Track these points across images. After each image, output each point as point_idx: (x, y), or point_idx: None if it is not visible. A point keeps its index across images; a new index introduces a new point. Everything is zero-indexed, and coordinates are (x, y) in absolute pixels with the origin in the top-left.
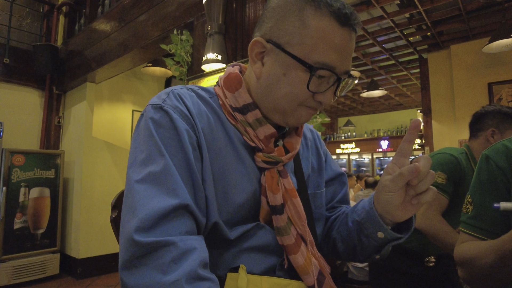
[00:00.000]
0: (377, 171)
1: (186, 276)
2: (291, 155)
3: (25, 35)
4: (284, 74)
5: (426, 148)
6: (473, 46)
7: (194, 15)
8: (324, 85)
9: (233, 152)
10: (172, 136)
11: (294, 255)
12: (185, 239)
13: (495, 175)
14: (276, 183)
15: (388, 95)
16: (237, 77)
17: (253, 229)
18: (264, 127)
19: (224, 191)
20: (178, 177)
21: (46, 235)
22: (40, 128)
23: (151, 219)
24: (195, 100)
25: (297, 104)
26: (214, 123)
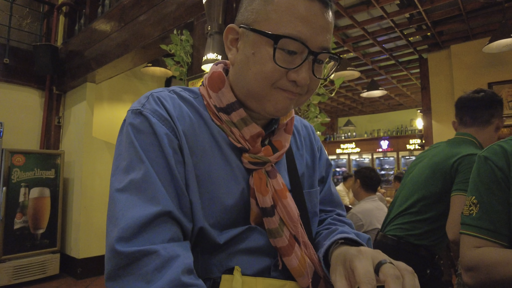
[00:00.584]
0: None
1: (169, 285)
2: (279, 154)
3: (25, 35)
4: (253, 53)
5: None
6: (473, 46)
7: (194, 15)
8: (297, 61)
9: (219, 154)
10: (152, 141)
11: (288, 257)
12: (167, 247)
13: (496, 175)
14: (265, 184)
15: (388, 95)
16: (220, 76)
17: (244, 232)
18: (249, 126)
19: (211, 195)
20: (159, 184)
21: (46, 235)
22: (40, 128)
23: (132, 228)
24: (177, 103)
25: (269, 84)
26: (198, 125)
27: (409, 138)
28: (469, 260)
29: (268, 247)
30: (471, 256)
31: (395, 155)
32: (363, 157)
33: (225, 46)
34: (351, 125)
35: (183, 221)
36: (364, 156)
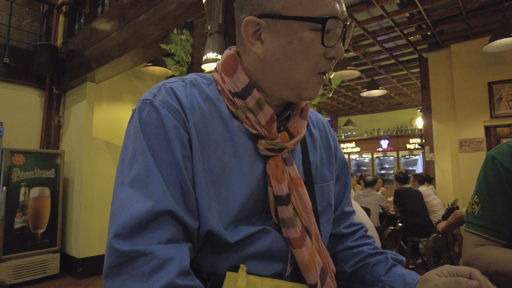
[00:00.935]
0: (377, 170)
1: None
2: (296, 140)
3: (25, 35)
4: (289, 42)
5: (426, 148)
6: (473, 45)
7: (194, 15)
8: (333, 38)
9: (233, 144)
10: (158, 134)
11: (299, 249)
12: (164, 248)
13: (501, 175)
14: (281, 171)
15: (388, 94)
16: (233, 57)
17: (258, 233)
18: (264, 110)
19: (226, 188)
20: (161, 180)
21: (46, 234)
22: (40, 128)
23: (129, 226)
24: (189, 92)
25: (311, 70)
26: (210, 114)
27: (409, 138)
28: (469, 257)
29: (280, 252)
30: (470, 253)
31: (395, 155)
32: (363, 157)
33: (246, 41)
34: (351, 124)
35: (186, 220)
36: (364, 156)
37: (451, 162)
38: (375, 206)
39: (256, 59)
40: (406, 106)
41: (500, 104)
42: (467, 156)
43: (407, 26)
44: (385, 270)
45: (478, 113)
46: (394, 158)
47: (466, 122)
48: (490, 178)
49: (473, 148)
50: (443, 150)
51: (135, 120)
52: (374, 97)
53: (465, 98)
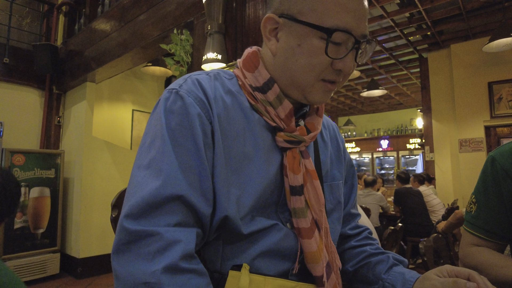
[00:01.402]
0: (377, 170)
1: (164, 268)
2: (313, 135)
3: (25, 35)
4: (299, 45)
5: (426, 148)
6: (473, 45)
7: (194, 15)
8: (342, 51)
9: (252, 135)
10: (181, 121)
11: (308, 240)
12: (171, 231)
13: (499, 177)
14: (298, 163)
15: (388, 94)
16: (254, 54)
17: (271, 228)
18: (283, 104)
19: (246, 176)
20: (176, 165)
21: (46, 234)
22: (40, 128)
23: (140, 207)
24: (213, 84)
25: (315, 76)
26: (232, 106)
27: (409, 138)
28: (462, 255)
29: (290, 250)
30: (464, 252)
31: (395, 155)
32: (363, 157)
33: (264, 36)
34: (351, 124)
35: (198, 205)
36: (364, 156)
37: (451, 162)
38: (375, 206)
39: (271, 55)
40: (406, 106)
41: (500, 104)
42: (467, 156)
43: (407, 26)
44: (386, 268)
45: (478, 113)
46: (394, 158)
47: (466, 122)
48: (488, 179)
49: (473, 148)
50: (443, 150)
51: (159, 108)
52: (374, 97)
53: (465, 98)
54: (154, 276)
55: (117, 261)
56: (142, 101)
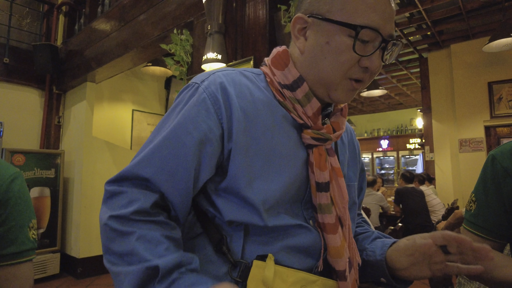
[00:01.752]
0: (377, 170)
1: (117, 216)
2: (339, 133)
3: (25, 35)
4: (327, 43)
5: (426, 148)
6: (473, 45)
7: (194, 15)
8: (369, 49)
9: (280, 130)
10: (189, 114)
11: (333, 235)
12: (135, 191)
13: (499, 176)
14: (324, 160)
15: (388, 94)
16: (285, 53)
17: (295, 226)
18: (311, 102)
19: (274, 169)
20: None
21: (46, 234)
22: (40, 128)
23: (118, 175)
24: (238, 80)
25: (343, 73)
26: (259, 101)
27: (409, 138)
28: None
29: (314, 249)
30: None
31: (395, 155)
32: (363, 157)
33: (292, 35)
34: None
35: (165, 192)
36: (364, 156)
37: (451, 162)
38: (375, 206)
39: (299, 54)
40: (406, 106)
41: (500, 104)
42: (467, 156)
43: (407, 26)
44: (370, 241)
45: (478, 113)
46: (394, 158)
47: (466, 122)
48: (487, 178)
49: (473, 148)
50: (443, 150)
51: (178, 98)
52: (374, 97)
53: (465, 98)
54: (109, 220)
55: (101, 210)
56: (142, 101)
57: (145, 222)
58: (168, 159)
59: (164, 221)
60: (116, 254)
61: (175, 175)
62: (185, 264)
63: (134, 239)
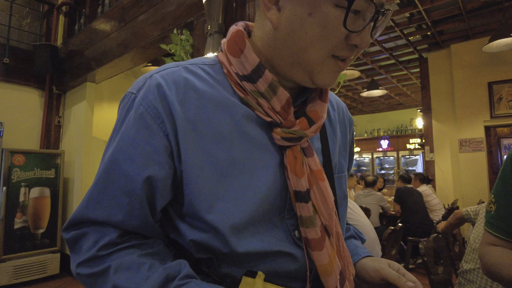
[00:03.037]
0: (377, 170)
1: (80, 262)
2: (317, 127)
3: (25, 35)
4: (309, 14)
5: (426, 148)
6: (473, 46)
7: (194, 15)
8: (359, 23)
9: (241, 135)
10: (128, 137)
11: (319, 252)
12: (92, 233)
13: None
14: (301, 164)
15: (388, 94)
16: (239, 34)
17: (274, 254)
18: (278, 94)
19: (239, 186)
20: (100, 190)
21: (46, 235)
22: (40, 128)
23: (69, 223)
24: (182, 81)
25: (327, 51)
26: (211, 103)
27: (409, 138)
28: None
29: (300, 272)
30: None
31: (395, 155)
32: (363, 157)
33: (262, 4)
34: None
35: (119, 226)
36: (364, 156)
37: (451, 162)
38: (375, 206)
39: (270, 29)
40: (406, 106)
41: (500, 104)
42: (467, 156)
43: (407, 26)
44: (345, 236)
45: (478, 113)
46: (394, 158)
47: (466, 122)
48: (507, 178)
49: (473, 148)
50: (443, 150)
51: (118, 112)
52: (374, 97)
53: (465, 98)
54: (79, 268)
55: None
56: None
57: (117, 251)
58: (117, 197)
59: (137, 243)
60: None
61: (131, 213)
62: (174, 276)
63: (111, 273)
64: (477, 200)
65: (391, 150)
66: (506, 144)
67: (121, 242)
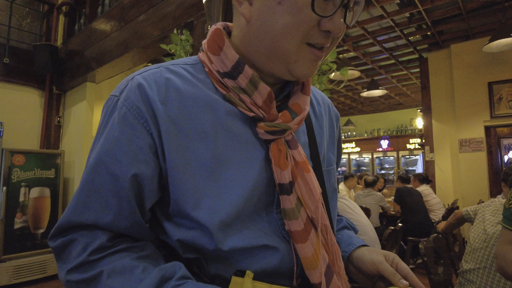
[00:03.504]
0: (377, 170)
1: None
2: (300, 119)
3: (25, 35)
4: (279, 3)
5: (426, 148)
6: (473, 46)
7: (194, 15)
8: (330, 8)
9: (225, 132)
10: (113, 138)
11: (302, 244)
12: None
13: None
14: (284, 156)
15: (388, 94)
16: (217, 32)
17: (260, 249)
18: (259, 89)
19: (224, 182)
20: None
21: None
22: (40, 128)
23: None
24: (163, 80)
25: (300, 38)
26: (193, 102)
27: (409, 138)
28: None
29: (287, 268)
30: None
31: (395, 155)
32: (363, 157)
33: (234, 0)
34: (351, 124)
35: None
36: (364, 156)
37: (451, 162)
38: (375, 206)
39: (244, 24)
40: (406, 106)
41: (500, 104)
42: (467, 156)
43: (407, 26)
44: (338, 228)
45: (478, 113)
46: (394, 158)
47: (466, 122)
48: None
49: (473, 148)
50: (443, 150)
51: (101, 116)
52: (374, 97)
53: (465, 98)
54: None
55: None
56: None
57: (108, 255)
58: (105, 198)
59: (129, 246)
60: None
61: (120, 214)
62: (170, 277)
63: (105, 278)
64: (477, 200)
65: (391, 150)
66: (506, 144)
67: (112, 245)
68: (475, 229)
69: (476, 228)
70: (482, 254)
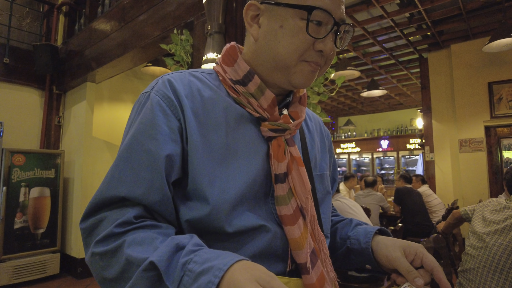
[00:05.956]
0: (377, 170)
1: (104, 237)
2: (298, 122)
3: (25, 35)
4: (281, 27)
5: (426, 148)
6: (473, 46)
7: (194, 15)
8: (322, 32)
9: (235, 128)
10: (146, 120)
11: (291, 227)
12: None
13: None
14: (283, 151)
15: (388, 94)
16: (233, 48)
17: (258, 229)
18: (265, 94)
19: (232, 168)
20: (123, 168)
21: (46, 235)
22: (40, 128)
23: (89, 208)
24: (187, 81)
25: (298, 56)
26: (210, 101)
27: (409, 138)
28: None
29: (282, 251)
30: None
31: (395, 155)
32: (363, 157)
33: (246, 23)
34: (351, 124)
35: (144, 203)
36: (364, 156)
37: (451, 162)
38: (375, 206)
39: (253, 42)
40: (406, 106)
41: (500, 104)
42: (467, 156)
43: (407, 26)
44: (351, 228)
45: (478, 113)
46: (394, 158)
47: (466, 122)
48: None
49: (473, 148)
50: (443, 150)
51: (132, 111)
52: (374, 97)
53: (465, 98)
54: (95, 247)
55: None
56: None
57: (132, 230)
58: (139, 172)
59: (153, 224)
60: (114, 279)
61: (152, 187)
62: (184, 244)
63: (125, 248)
64: (477, 200)
65: (391, 150)
66: (506, 144)
67: (137, 222)
68: (474, 228)
69: (475, 227)
70: (482, 253)
